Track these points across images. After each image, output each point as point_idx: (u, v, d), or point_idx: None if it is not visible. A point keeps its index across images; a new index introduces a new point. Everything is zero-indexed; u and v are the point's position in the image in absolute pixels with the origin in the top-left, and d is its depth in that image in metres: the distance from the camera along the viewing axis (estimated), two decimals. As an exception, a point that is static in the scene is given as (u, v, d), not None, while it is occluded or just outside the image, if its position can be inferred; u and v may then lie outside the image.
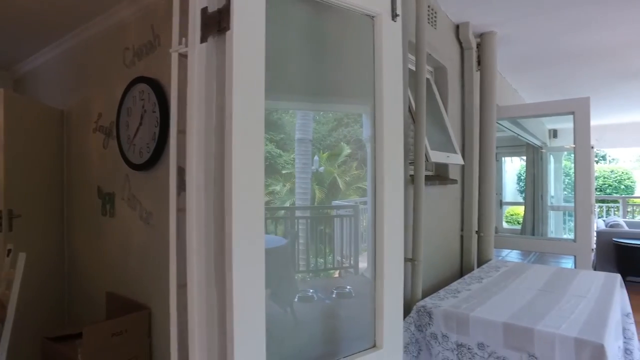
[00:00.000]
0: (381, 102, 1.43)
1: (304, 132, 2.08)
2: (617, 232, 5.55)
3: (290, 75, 1.53)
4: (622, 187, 16.50)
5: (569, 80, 4.67)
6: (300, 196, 2.32)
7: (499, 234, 3.69)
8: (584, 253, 3.27)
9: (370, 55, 1.46)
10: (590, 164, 3.27)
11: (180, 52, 1.39)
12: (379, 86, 1.43)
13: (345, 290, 2.08)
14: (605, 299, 2.02)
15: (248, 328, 1.10)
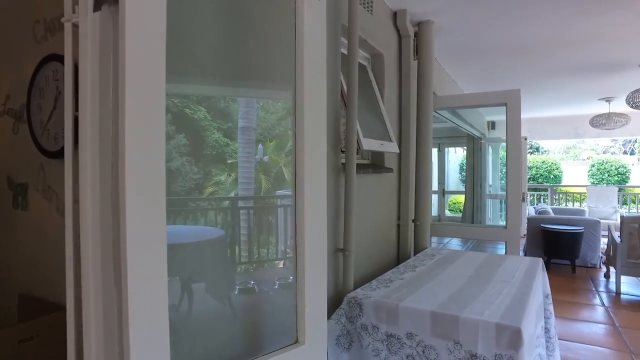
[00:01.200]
0: (302, 86, 1.34)
1: (248, 121, 1.97)
2: (544, 218, 5.88)
3: (205, 56, 1.40)
4: (551, 177, 17.69)
5: (504, 73, 4.84)
6: (243, 186, 2.22)
7: (437, 222, 3.77)
8: (514, 239, 3.40)
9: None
10: (521, 154, 3.38)
11: (73, 22, 1.22)
12: (300, 69, 1.34)
13: (288, 281, 2.01)
14: (527, 283, 2.08)
15: (147, 323, 0.98)
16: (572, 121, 8.26)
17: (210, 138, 1.71)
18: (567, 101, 6.99)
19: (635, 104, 4.68)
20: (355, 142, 1.98)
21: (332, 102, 2.00)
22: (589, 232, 5.52)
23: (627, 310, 4.15)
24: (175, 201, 1.52)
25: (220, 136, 1.84)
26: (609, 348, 3.29)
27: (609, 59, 4.24)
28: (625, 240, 4.48)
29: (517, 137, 3.41)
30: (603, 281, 5.10)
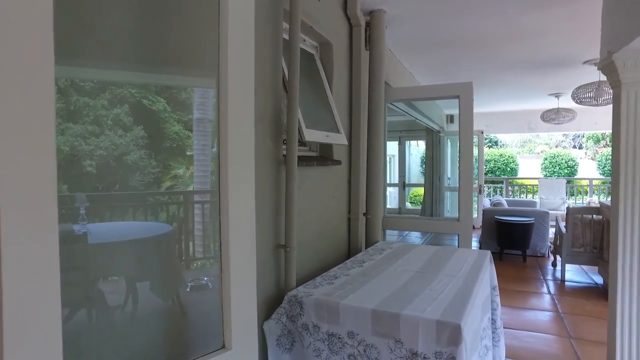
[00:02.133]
0: (225, 70, 1.22)
1: (203, 112, 1.84)
2: (498, 210, 6.03)
3: (107, 34, 1.25)
4: (508, 170, 18.33)
5: (459, 67, 4.87)
6: (198, 179, 2.09)
7: (391, 216, 3.75)
8: (466, 231, 3.42)
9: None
10: (472, 147, 3.39)
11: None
12: (224, 54, 1.22)
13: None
14: (473, 276, 2.07)
15: (30, 329, 0.85)
16: (525, 116, 8.51)
17: (169, 130, 1.59)
18: (521, 96, 7.17)
19: (579, 99, 4.83)
20: (296, 133, 1.88)
21: (273, 91, 1.89)
22: (539, 223, 5.70)
23: (570, 296, 4.31)
24: (122, 196, 1.40)
25: (180, 128, 1.72)
26: (551, 334, 3.38)
27: (556, 55, 4.34)
28: (570, 230, 4.64)
29: (469, 129, 3.42)
30: (551, 270, 5.29)
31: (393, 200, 12.11)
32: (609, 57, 2.50)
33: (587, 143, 23.68)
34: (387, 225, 3.71)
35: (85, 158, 1.22)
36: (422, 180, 12.57)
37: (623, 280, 2.57)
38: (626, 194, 2.50)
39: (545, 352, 3.10)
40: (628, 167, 2.46)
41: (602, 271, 4.39)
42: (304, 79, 2.35)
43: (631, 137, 2.44)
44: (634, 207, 2.50)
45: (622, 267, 2.56)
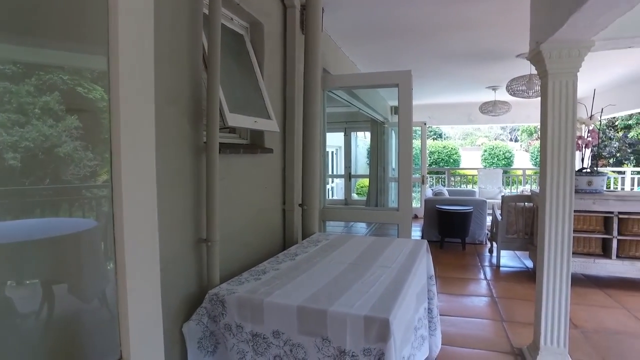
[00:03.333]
0: (116, 37, 1.04)
1: None
2: (439, 199, 6.16)
3: None
4: (451, 161, 19.02)
5: (401, 56, 4.87)
6: None
7: (331, 207, 3.68)
8: (406, 221, 3.41)
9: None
10: (412, 136, 3.38)
11: None
12: (113, 16, 1.05)
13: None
14: (407, 267, 2.02)
15: None
16: (465, 108, 8.78)
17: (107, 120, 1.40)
18: (461, 88, 7.36)
19: (513, 91, 5.00)
20: (217, 117, 1.72)
21: (191, 69, 1.72)
22: (477, 212, 5.89)
23: (504, 281, 4.47)
24: (47, 191, 1.22)
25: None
26: (486, 318, 3.47)
27: (492, 47, 4.44)
28: (504, 218, 4.81)
29: (408, 118, 3.40)
30: (487, 256, 5.48)
31: (340, 191, 12.17)
32: (537, 48, 2.54)
33: (522, 136, 25.09)
34: (327, 216, 3.63)
35: (8, 150, 1.08)
36: (368, 171, 12.69)
37: (549, 263, 2.65)
38: (552, 179, 2.57)
39: (479, 336, 3.17)
40: (554, 151, 2.52)
41: (532, 256, 4.59)
42: (231, 60, 2.19)
43: (557, 124, 2.50)
44: (558, 194, 2.58)
45: (548, 250, 2.65)
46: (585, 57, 2.48)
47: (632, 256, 4.08)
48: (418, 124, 8.93)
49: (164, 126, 1.57)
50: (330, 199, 11.91)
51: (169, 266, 1.61)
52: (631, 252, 4.09)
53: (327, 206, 3.72)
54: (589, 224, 4.14)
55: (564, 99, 2.48)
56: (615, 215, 4.03)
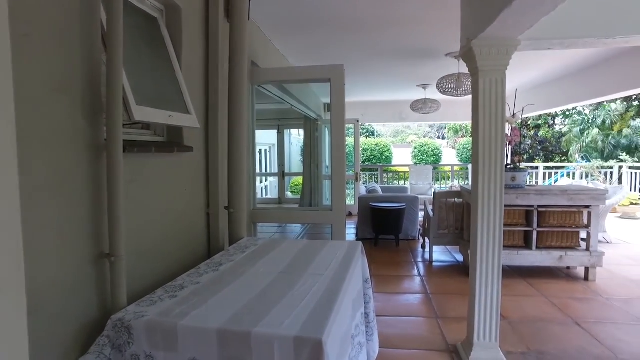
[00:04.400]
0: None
1: None
2: (373, 197, 6.17)
3: None
4: (383, 158, 19.51)
5: (333, 51, 4.76)
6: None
7: (262, 209, 3.48)
8: (339, 221, 3.30)
9: None
10: (343, 132, 3.28)
11: None
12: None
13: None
14: (342, 273, 1.88)
15: None
16: (398, 106, 8.95)
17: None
18: (393, 86, 7.46)
19: (443, 89, 5.11)
20: (120, 110, 1.45)
21: (86, 51, 1.43)
22: (410, 208, 5.98)
23: (437, 276, 4.55)
24: None
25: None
26: (421, 316, 3.47)
27: (423, 45, 4.48)
28: (436, 214, 4.90)
29: (341, 114, 3.29)
30: (420, 252, 5.58)
31: (274, 190, 11.94)
32: (468, 45, 2.53)
33: (449, 134, 26.48)
34: (257, 218, 3.42)
35: None
36: (302, 169, 12.57)
37: (481, 258, 2.67)
38: (484, 175, 2.58)
39: (415, 335, 3.14)
40: (485, 147, 2.52)
41: (463, 250, 4.72)
42: (142, 46, 1.91)
43: (487, 120, 2.50)
44: (490, 189, 2.60)
45: (480, 245, 2.66)
46: (513, 55, 2.51)
47: (548, 246, 4.33)
48: (351, 121, 8.96)
49: (49, 120, 1.29)
50: (264, 197, 11.66)
51: (58, 290, 1.32)
52: (548, 242, 4.33)
53: (258, 207, 3.51)
54: (513, 217, 4.32)
55: (494, 95, 2.49)
56: (535, 208, 4.24)
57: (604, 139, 14.81)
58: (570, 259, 4.24)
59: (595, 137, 14.93)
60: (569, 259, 4.24)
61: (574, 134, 15.83)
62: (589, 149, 14.90)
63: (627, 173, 9.51)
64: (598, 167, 9.98)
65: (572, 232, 4.31)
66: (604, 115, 14.95)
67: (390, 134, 31.29)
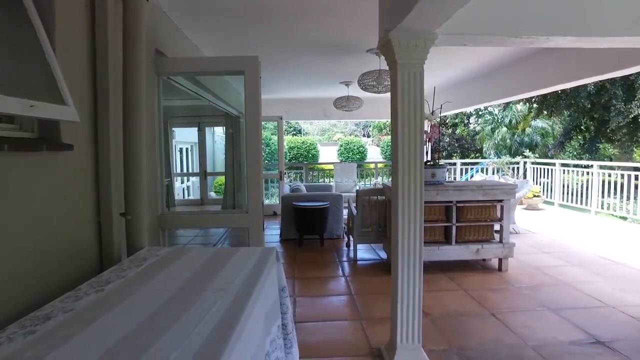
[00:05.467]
0: None
1: None
2: (296, 196, 6.01)
3: None
4: (310, 156, 19.53)
5: (249, 42, 4.50)
6: None
7: (171, 213, 3.14)
8: (256, 224, 3.08)
9: None
10: (259, 129, 3.07)
11: None
12: None
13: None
14: (250, 285, 1.66)
15: None
16: (321, 103, 8.87)
17: None
18: (316, 83, 7.35)
19: (364, 86, 5.08)
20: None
21: None
22: (334, 206, 5.90)
23: (361, 276, 4.49)
24: None
25: None
26: (345, 319, 3.36)
27: (344, 40, 4.38)
28: (359, 212, 4.85)
29: (256, 109, 3.07)
30: (345, 250, 5.52)
31: (196, 190, 11.35)
32: (386, 37, 2.42)
33: (373, 132, 27.22)
34: (167, 224, 3.09)
35: None
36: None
37: (403, 256, 2.60)
38: (404, 171, 2.50)
39: (339, 340, 3.02)
40: (405, 141, 2.45)
41: (387, 247, 4.71)
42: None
43: (406, 114, 2.42)
44: (410, 185, 2.53)
45: (401, 243, 2.59)
46: (430, 49, 2.45)
47: (467, 240, 4.46)
48: (274, 118, 8.74)
49: None
50: (186, 199, 11.05)
51: None
52: (466, 236, 4.46)
53: (167, 212, 3.17)
54: (434, 213, 4.39)
55: (412, 89, 2.42)
56: (454, 204, 4.34)
57: (511, 137, 16.09)
58: (485, 251, 4.40)
59: (504, 136, 16.16)
60: (484, 252, 4.40)
61: (486, 132, 17.01)
62: (499, 146, 16.10)
63: (530, 168, 10.32)
64: (507, 163, 10.72)
65: (487, 226, 4.48)
66: (510, 116, 16.23)
67: (317, 132, 31.52)
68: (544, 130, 15.94)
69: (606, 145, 13.89)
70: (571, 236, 6.24)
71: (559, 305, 3.55)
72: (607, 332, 3.06)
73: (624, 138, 12.33)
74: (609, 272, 4.45)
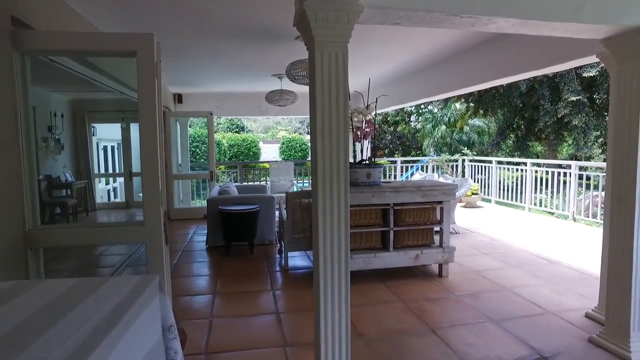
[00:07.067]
0: None
1: None
2: (223, 199, 5.43)
3: None
4: (251, 154, 18.84)
5: (157, 25, 3.88)
6: None
7: (42, 227, 2.48)
8: (155, 239, 2.51)
9: None
10: (155, 124, 2.49)
11: None
12: None
13: None
14: (102, 334, 1.13)
15: None
16: (255, 98, 8.30)
17: None
18: (247, 75, 6.79)
19: (293, 77, 4.63)
20: None
21: None
22: (265, 209, 5.39)
23: (292, 289, 4.02)
24: None
25: None
26: (266, 347, 2.88)
27: (268, 24, 3.89)
28: (290, 216, 4.38)
29: (151, 99, 2.49)
30: (277, 258, 5.03)
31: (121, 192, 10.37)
32: (301, 8, 1.95)
33: (317, 129, 26.91)
34: (38, 242, 2.44)
35: None
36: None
37: (325, 270, 2.17)
38: (324, 168, 2.07)
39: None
40: (326, 134, 2.00)
41: (320, 255, 4.28)
42: None
43: (327, 104, 1.97)
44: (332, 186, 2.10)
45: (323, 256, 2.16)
46: (355, 25, 2.02)
47: (405, 245, 4.14)
48: (204, 114, 8.06)
49: None
50: (111, 201, 10.04)
51: None
52: (404, 242, 4.14)
53: (39, 227, 2.51)
54: (369, 217, 4.02)
55: (334, 73, 1.98)
56: (392, 207, 3.99)
57: (451, 135, 16.41)
58: (425, 257, 4.10)
59: (444, 133, 16.44)
60: (424, 257, 4.10)
61: (426, 130, 17.24)
62: (439, 144, 16.36)
63: (468, 165, 10.41)
64: (446, 161, 10.75)
65: (426, 230, 4.19)
66: (449, 114, 16.55)
67: (260, 129, 30.75)
68: (480, 128, 16.40)
69: (535, 143, 14.50)
70: (508, 235, 6.19)
71: (500, 315, 3.30)
72: (550, 344, 2.84)
73: (551, 136, 12.88)
74: (546, 273, 4.33)
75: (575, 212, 7.15)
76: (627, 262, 2.65)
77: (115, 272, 4.14)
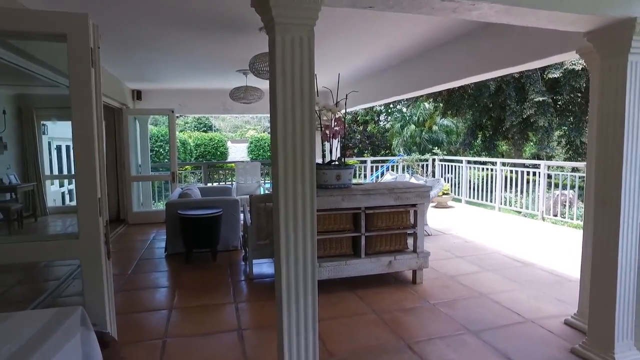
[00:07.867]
0: None
1: None
2: (182, 203, 5.03)
3: None
4: (218, 154, 18.29)
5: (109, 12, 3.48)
6: None
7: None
8: (92, 254, 2.15)
9: None
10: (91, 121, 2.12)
11: None
12: None
13: None
14: None
15: None
16: (220, 95, 7.89)
17: None
18: (210, 71, 6.41)
19: (257, 71, 4.31)
20: None
21: None
22: (229, 213, 5.04)
23: (256, 301, 3.69)
24: None
25: None
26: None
27: (228, 12, 3.56)
28: (254, 221, 4.06)
29: (86, 91, 2.12)
30: (242, 265, 4.69)
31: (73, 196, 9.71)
32: (259, -17, 1.68)
33: (286, 128, 26.55)
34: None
35: None
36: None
37: (288, 284, 1.89)
38: (287, 168, 1.79)
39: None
40: (288, 131, 1.71)
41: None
42: None
43: (289, 99, 1.68)
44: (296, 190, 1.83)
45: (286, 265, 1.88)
46: (322, 6, 1.74)
47: (377, 252, 3.90)
48: (164, 111, 7.59)
49: None
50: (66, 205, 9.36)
51: None
52: (377, 247, 3.90)
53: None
54: (339, 222, 3.75)
55: (297, 61, 1.69)
56: (363, 211, 3.74)
57: (420, 135, 16.42)
58: (399, 263, 3.87)
59: (413, 133, 16.44)
60: (398, 264, 3.87)
61: (396, 130, 17.19)
62: (409, 144, 16.34)
63: (438, 165, 10.35)
64: (417, 160, 10.66)
65: (399, 234, 3.96)
66: (419, 113, 16.56)
67: (229, 128, 30.04)
68: (448, 128, 16.50)
69: (501, 143, 14.70)
70: (481, 236, 6.08)
71: (478, 325, 3.11)
72: (532, 358, 2.66)
73: (517, 136, 13.06)
74: (521, 277, 4.20)
75: (544, 212, 7.15)
76: (611, 269, 2.50)
77: (49, 295, 3.60)
